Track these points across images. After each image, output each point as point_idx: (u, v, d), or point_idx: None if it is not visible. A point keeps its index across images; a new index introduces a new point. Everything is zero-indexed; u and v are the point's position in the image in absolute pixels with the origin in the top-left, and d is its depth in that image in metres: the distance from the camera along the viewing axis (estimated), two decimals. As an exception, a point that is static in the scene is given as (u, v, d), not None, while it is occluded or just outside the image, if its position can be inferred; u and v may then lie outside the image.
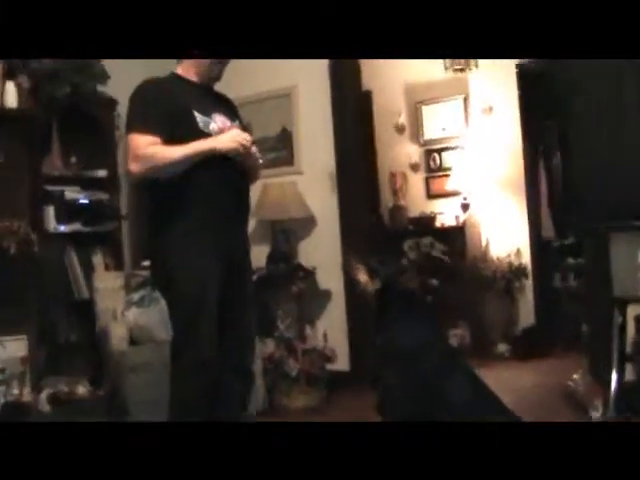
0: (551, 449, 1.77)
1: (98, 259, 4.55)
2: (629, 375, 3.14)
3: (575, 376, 3.80)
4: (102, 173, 4.57)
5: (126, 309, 4.02)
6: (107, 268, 4.54)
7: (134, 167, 2.42)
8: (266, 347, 4.37)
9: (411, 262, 5.75)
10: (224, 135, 2.50)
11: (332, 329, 4.72)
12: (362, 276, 2.83)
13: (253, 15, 2.19)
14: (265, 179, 4.32)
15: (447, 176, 6.01)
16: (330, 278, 4.75)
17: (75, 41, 2.19)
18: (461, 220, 5.83)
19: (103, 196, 4.52)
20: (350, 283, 4.55)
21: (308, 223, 4.89)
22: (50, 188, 4.26)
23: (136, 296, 4.05)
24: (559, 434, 1.87)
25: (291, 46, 2.25)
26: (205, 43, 2.27)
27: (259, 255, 4.48)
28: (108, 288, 4.20)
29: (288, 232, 4.85)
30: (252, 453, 1.83)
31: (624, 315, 2.99)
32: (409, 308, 2.77)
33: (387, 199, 6.46)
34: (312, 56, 2.64)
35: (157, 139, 2.41)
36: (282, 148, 4.98)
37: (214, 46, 2.31)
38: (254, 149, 2.58)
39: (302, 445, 1.83)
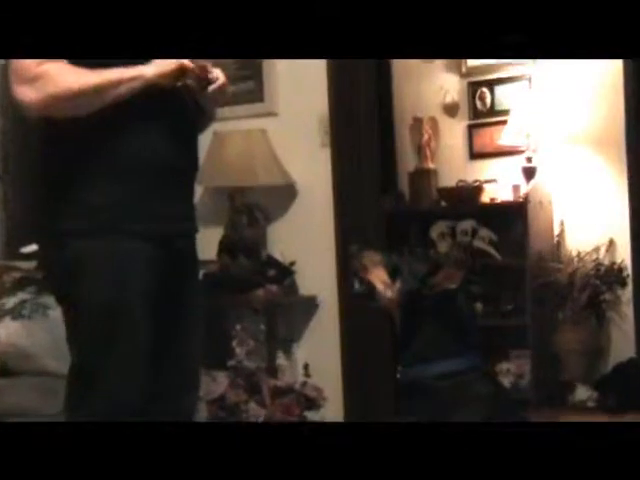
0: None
1: (-49, 243, 4.55)
2: None
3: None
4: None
5: (-4, 321, 4.02)
6: (-33, 257, 4.53)
7: (29, 93, 2.40)
8: (215, 384, 4.38)
9: (441, 257, 5.77)
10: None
11: (318, 357, 4.76)
12: (376, 277, 2.84)
13: (251, 14, 2.43)
14: (220, 123, 4.28)
15: (502, 124, 6.02)
16: (317, 279, 4.79)
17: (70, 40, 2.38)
18: (522, 193, 5.84)
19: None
20: (348, 287, 4.57)
21: (285, 194, 4.90)
22: None
23: (12, 301, 4.08)
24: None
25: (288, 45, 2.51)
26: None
27: (209, 241, 4.47)
28: (-33, 288, 4.20)
29: (254, 207, 4.86)
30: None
31: None
32: (447, 325, 2.80)
33: (407, 159, 6.47)
34: (311, 56, 2.92)
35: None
36: (247, 76, 5.00)
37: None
38: (215, 72, 2.57)
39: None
